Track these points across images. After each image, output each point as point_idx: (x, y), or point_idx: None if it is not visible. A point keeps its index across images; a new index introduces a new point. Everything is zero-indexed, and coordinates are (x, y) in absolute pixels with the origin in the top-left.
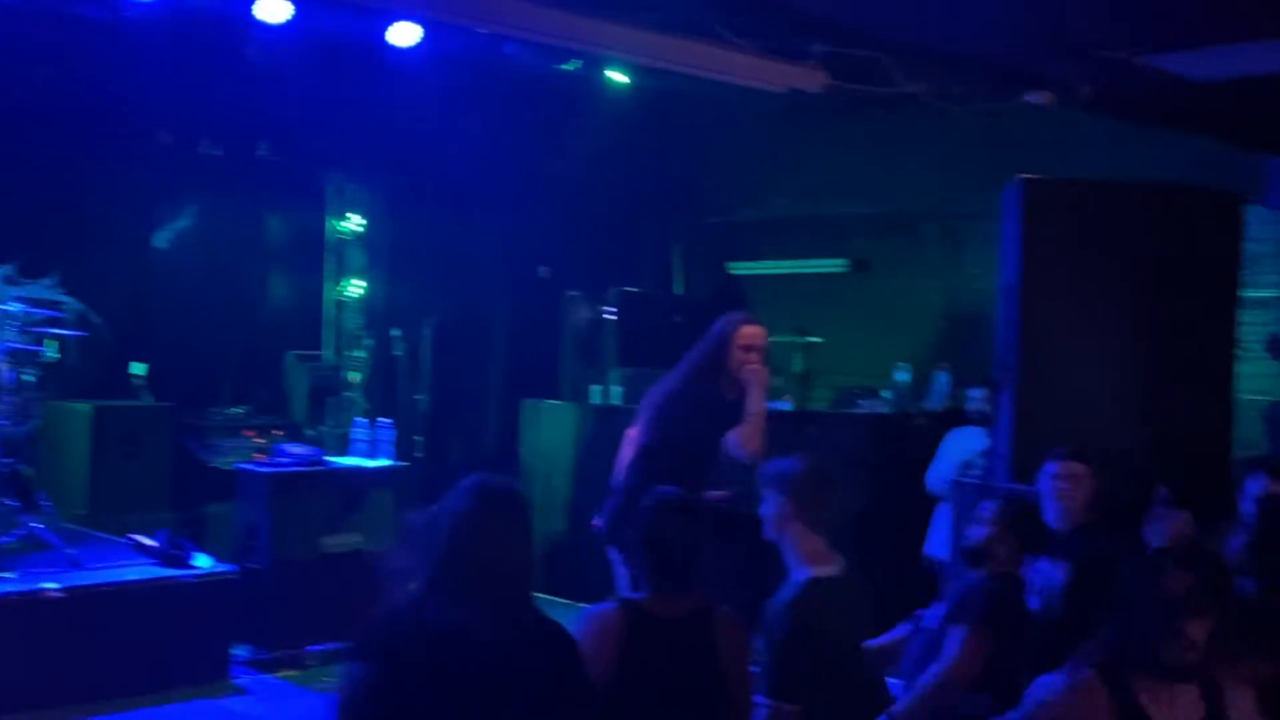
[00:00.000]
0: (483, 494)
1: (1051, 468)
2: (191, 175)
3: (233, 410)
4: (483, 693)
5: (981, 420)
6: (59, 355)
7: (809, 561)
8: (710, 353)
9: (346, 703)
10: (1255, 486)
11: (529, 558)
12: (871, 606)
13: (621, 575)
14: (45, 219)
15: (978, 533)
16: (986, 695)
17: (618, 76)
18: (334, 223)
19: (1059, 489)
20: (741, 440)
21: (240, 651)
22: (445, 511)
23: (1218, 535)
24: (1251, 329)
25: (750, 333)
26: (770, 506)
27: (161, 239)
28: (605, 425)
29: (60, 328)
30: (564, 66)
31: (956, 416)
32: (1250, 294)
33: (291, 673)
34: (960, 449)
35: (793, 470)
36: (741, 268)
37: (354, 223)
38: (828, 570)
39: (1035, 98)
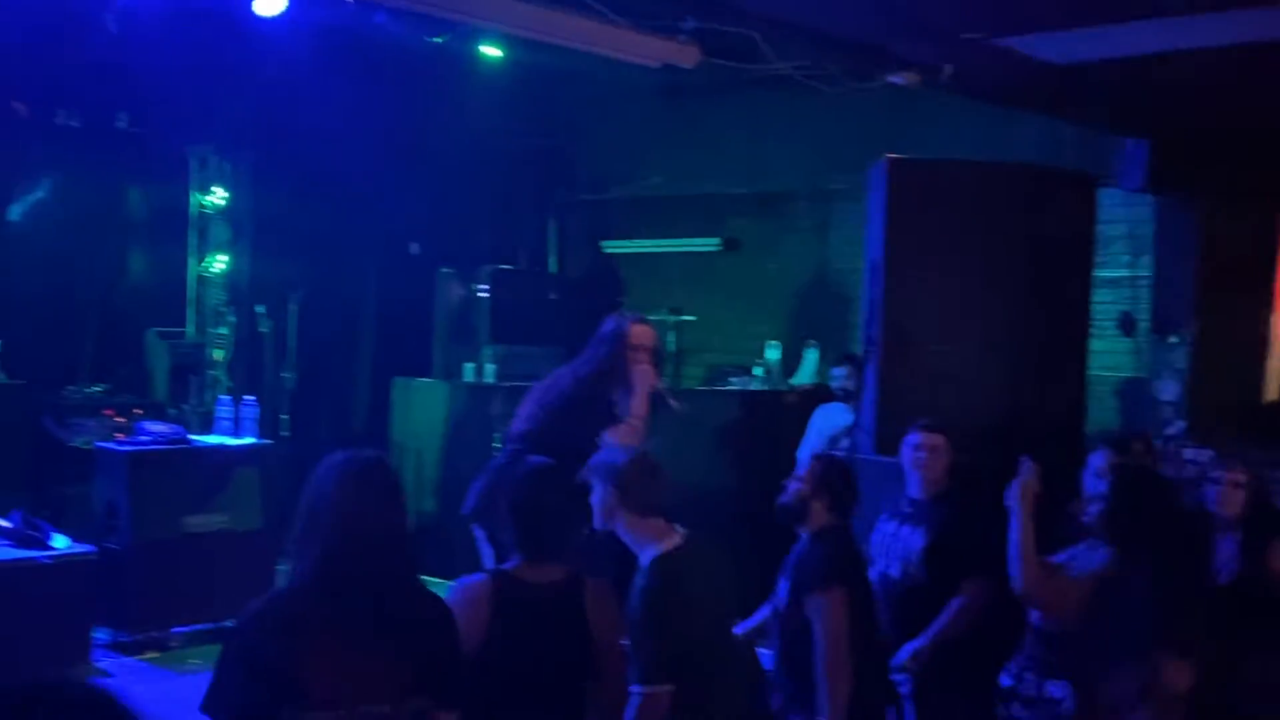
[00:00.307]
0: (350, 467)
1: (911, 439)
2: (48, 147)
3: (92, 389)
4: (361, 663)
5: (845, 397)
6: None
7: (650, 541)
8: (605, 355)
9: (225, 683)
10: (1097, 460)
11: (402, 525)
12: (728, 566)
13: (486, 553)
14: None
15: (791, 487)
16: None
17: (491, 50)
18: (198, 196)
19: (918, 459)
20: (620, 440)
21: (102, 634)
22: (314, 487)
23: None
24: (1103, 307)
25: (641, 332)
26: (598, 496)
27: (15, 212)
28: (478, 403)
29: None
30: (436, 39)
31: (825, 393)
32: (1103, 274)
33: (155, 655)
34: (827, 425)
35: (620, 461)
36: (615, 246)
37: (218, 196)
38: (670, 544)
39: (899, 78)
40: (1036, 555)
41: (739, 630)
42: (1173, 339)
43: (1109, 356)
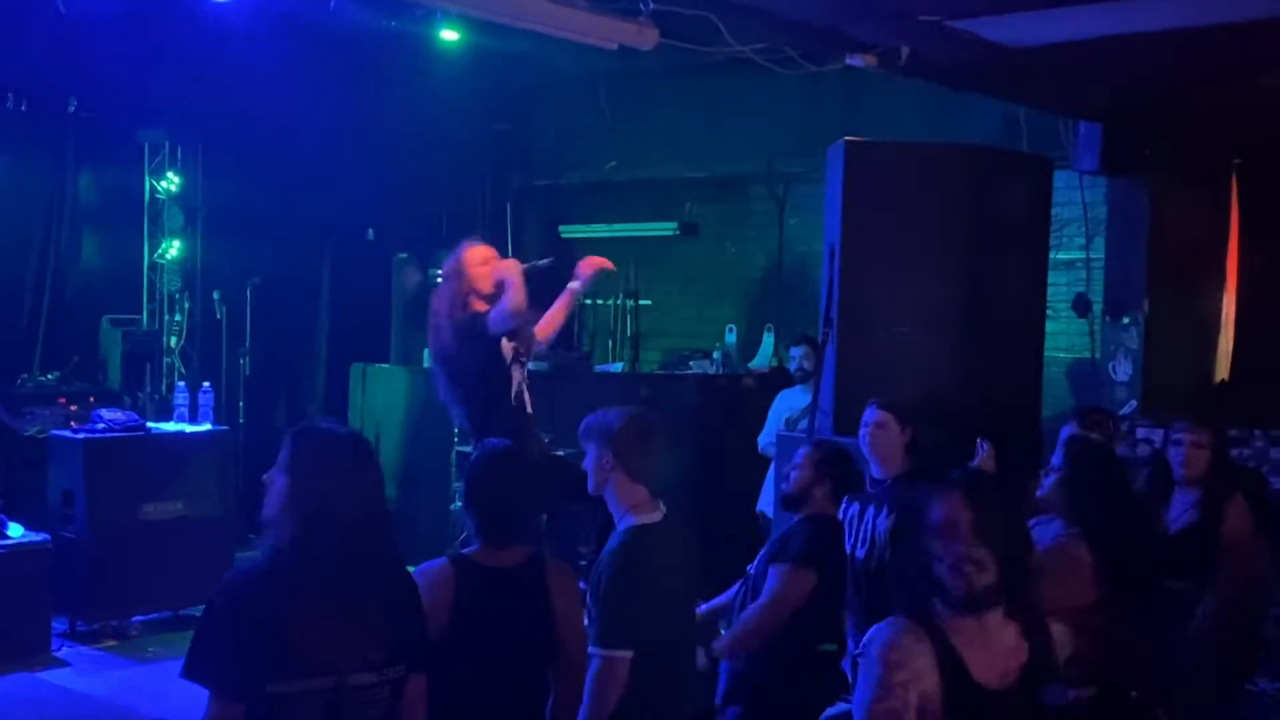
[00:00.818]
0: (326, 441)
1: (867, 417)
2: None
3: (45, 377)
4: (347, 633)
5: (803, 378)
6: None
7: (632, 510)
8: (468, 292)
9: (210, 649)
10: (1065, 433)
11: (379, 496)
12: (697, 551)
13: None
14: None
15: (793, 476)
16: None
17: (447, 34)
18: (150, 181)
19: (873, 438)
20: (505, 306)
21: (60, 624)
22: (290, 460)
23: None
24: (1058, 289)
25: (475, 254)
26: (591, 459)
27: None
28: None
29: None
30: (391, 22)
31: (783, 376)
32: (1058, 256)
33: (114, 643)
34: (786, 407)
35: (614, 422)
36: (572, 231)
37: (171, 182)
38: (651, 518)
39: (856, 61)
40: None
41: (701, 609)
42: (1125, 320)
43: (1064, 338)
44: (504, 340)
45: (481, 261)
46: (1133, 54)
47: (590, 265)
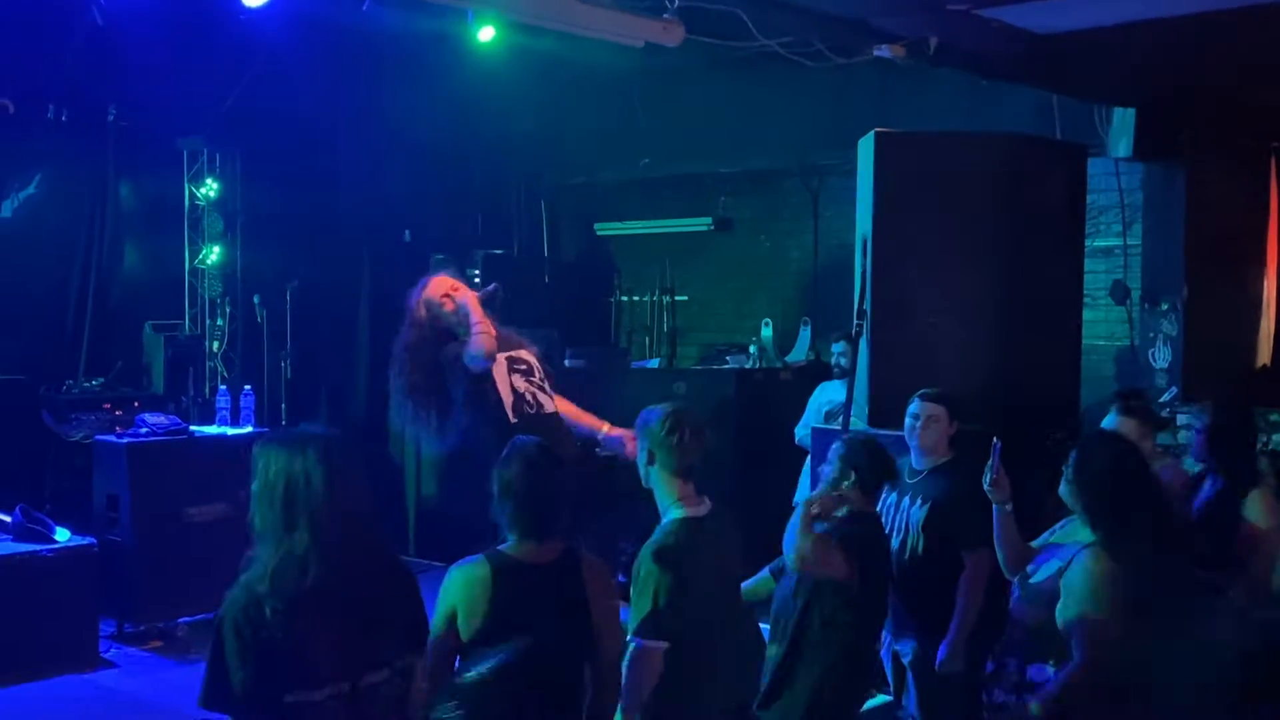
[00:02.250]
0: (312, 446)
1: (911, 408)
2: (38, 142)
3: (89, 383)
4: (358, 636)
5: (842, 374)
6: None
7: (677, 504)
8: (432, 331)
9: (223, 675)
10: (1107, 423)
11: (370, 494)
12: (740, 546)
13: None
14: None
15: (826, 474)
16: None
17: (480, 34)
18: (191, 188)
19: (918, 430)
20: (473, 350)
21: (108, 626)
22: (276, 470)
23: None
24: (1095, 277)
25: (438, 284)
26: (639, 453)
27: (7, 209)
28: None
29: None
30: (423, 24)
31: (820, 369)
32: (1095, 243)
33: (159, 645)
34: (826, 399)
35: (653, 418)
36: (607, 228)
37: (210, 188)
38: (695, 511)
39: (884, 52)
40: (1017, 535)
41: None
42: (1164, 306)
43: (1103, 326)
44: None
45: (440, 294)
46: (1166, 37)
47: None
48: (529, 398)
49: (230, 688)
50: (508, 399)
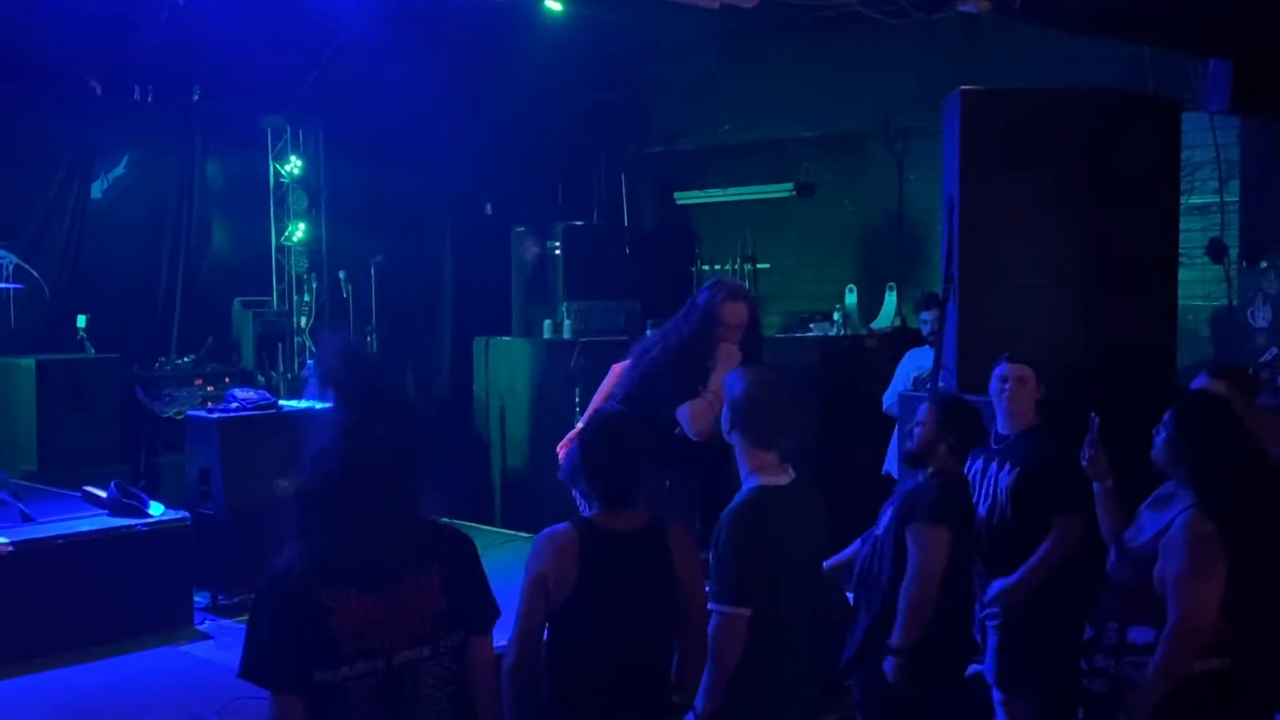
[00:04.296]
0: (341, 421)
1: (999, 370)
2: (126, 123)
3: (181, 360)
4: (394, 609)
5: (933, 340)
6: None
7: (756, 472)
8: (698, 329)
9: (260, 647)
10: (1197, 385)
11: (411, 462)
12: (823, 515)
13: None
14: None
15: (916, 433)
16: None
17: (554, 4)
18: (276, 166)
19: (1006, 391)
20: (692, 415)
21: (201, 598)
22: (313, 446)
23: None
24: (1191, 235)
25: (734, 310)
26: (723, 419)
27: (97, 189)
28: (557, 359)
29: None
30: None
31: (906, 336)
32: (1190, 201)
33: None
34: (915, 366)
35: (737, 385)
36: (687, 197)
37: (294, 165)
38: (774, 480)
39: (969, 7)
40: (1118, 507)
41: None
42: (1263, 264)
43: (1199, 285)
44: None
45: (729, 326)
46: None
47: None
48: None
49: (263, 661)
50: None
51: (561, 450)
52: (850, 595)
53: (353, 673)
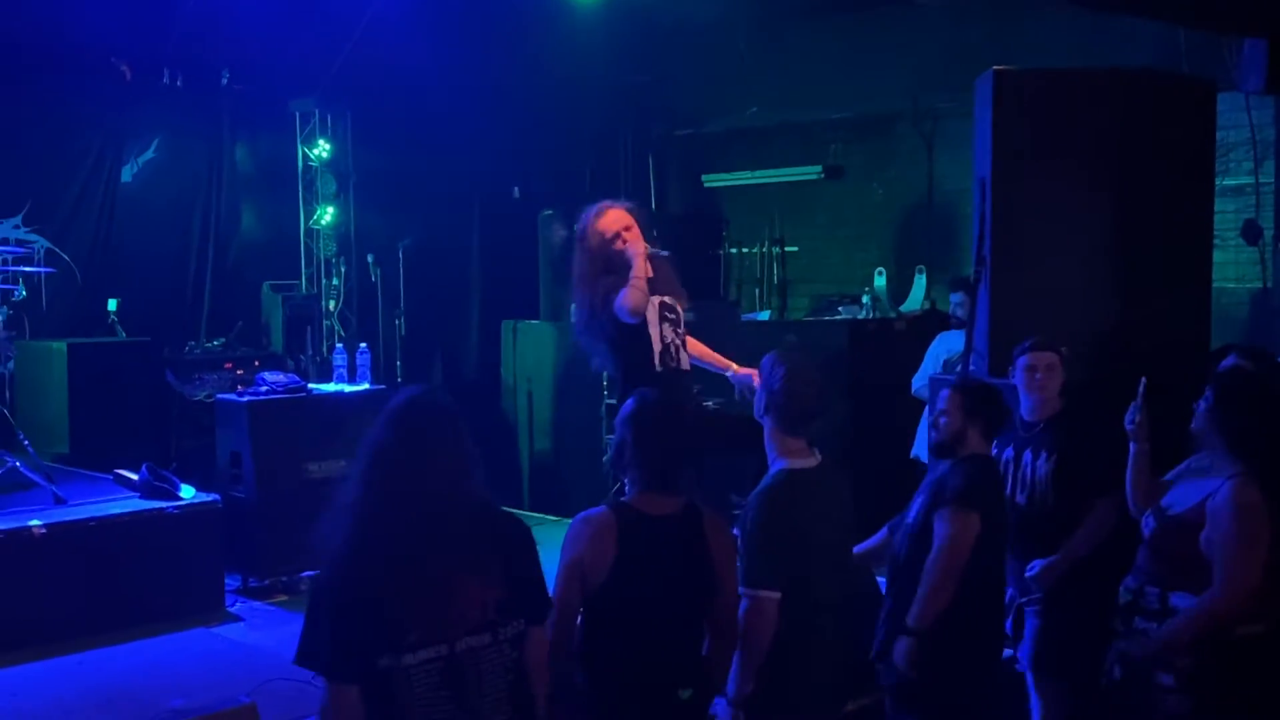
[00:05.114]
0: (399, 408)
1: (1021, 359)
2: (155, 107)
3: (210, 343)
4: (457, 596)
5: (960, 325)
6: (26, 294)
7: (784, 454)
8: (595, 259)
9: (319, 633)
10: (1223, 365)
11: (468, 451)
12: (851, 498)
13: None
14: (8, 159)
15: (942, 422)
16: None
17: None
18: (304, 149)
19: (1030, 380)
20: (622, 302)
21: (233, 580)
22: (372, 434)
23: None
24: (1225, 217)
25: (615, 217)
26: (757, 402)
27: (127, 173)
28: None
29: (29, 266)
30: None
31: (936, 319)
32: (1224, 182)
33: (284, 599)
34: (945, 349)
35: (767, 369)
36: (715, 179)
37: (322, 149)
38: (802, 463)
39: None
40: (1149, 474)
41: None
42: None
43: (1233, 268)
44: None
45: (612, 233)
46: None
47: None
48: (673, 350)
49: (321, 648)
50: (656, 346)
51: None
52: (881, 581)
53: (416, 660)
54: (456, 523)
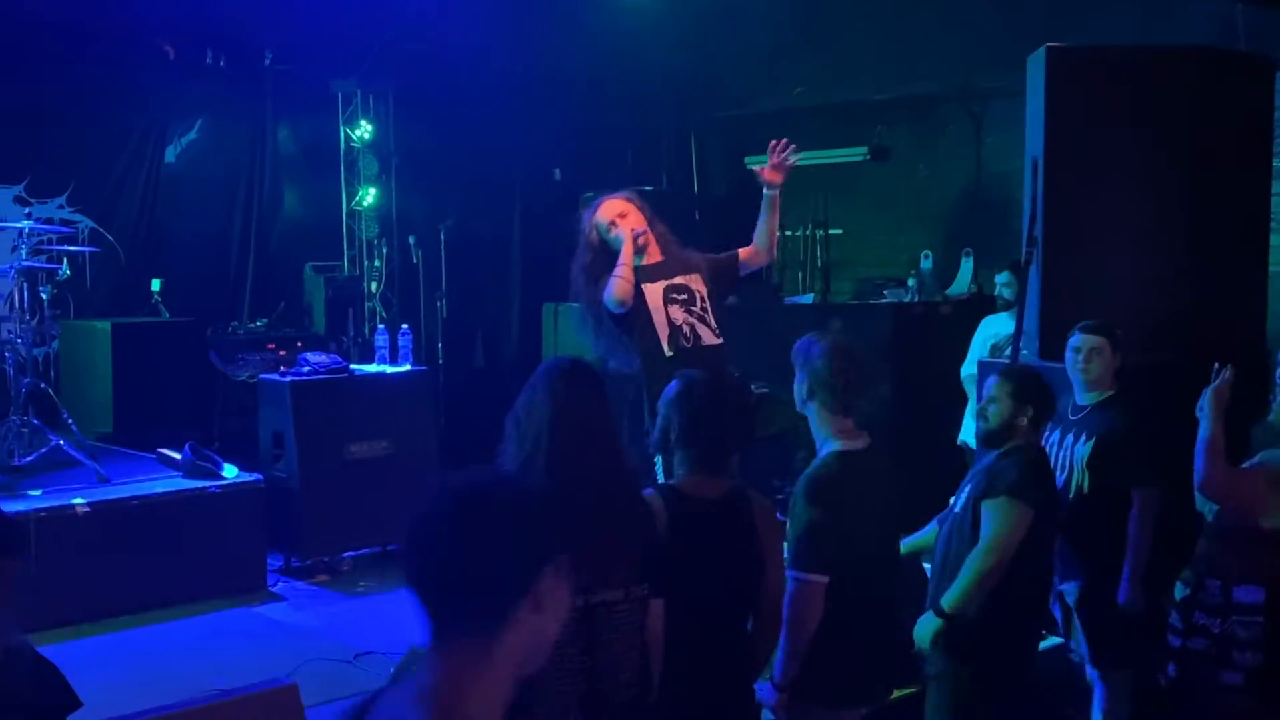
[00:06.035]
0: (556, 371)
1: (1072, 342)
2: (198, 88)
3: (253, 324)
4: (593, 551)
5: (1005, 307)
6: (70, 274)
7: (833, 436)
8: (596, 254)
9: None
10: None
11: (611, 418)
12: (899, 481)
13: None
14: (53, 139)
15: (990, 411)
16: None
17: None
18: (346, 130)
19: (1079, 363)
20: (609, 292)
21: (275, 560)
22: (528, 395)
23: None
24: None
25: (609, 206)
26: (797, 385)
27: (171, 154)
28: None
29: (73, 245)
30: None
31: (983, 303)
32: None
33: (326, 579)
34: (992, 334)
35: (813, 350)
36: (758, 161)
37: (365, 130)
38: (852, 445)
39: None
40: (1225, 456)
41: (904, 542)
42: None
43: None
44: (645, 287)
45: (605, 222)
46: None
47: (773, 171)
48: (687, 330)
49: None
50: (663, 332)
51: None
52: (927, 567)
53: None
54: (597, 480)
